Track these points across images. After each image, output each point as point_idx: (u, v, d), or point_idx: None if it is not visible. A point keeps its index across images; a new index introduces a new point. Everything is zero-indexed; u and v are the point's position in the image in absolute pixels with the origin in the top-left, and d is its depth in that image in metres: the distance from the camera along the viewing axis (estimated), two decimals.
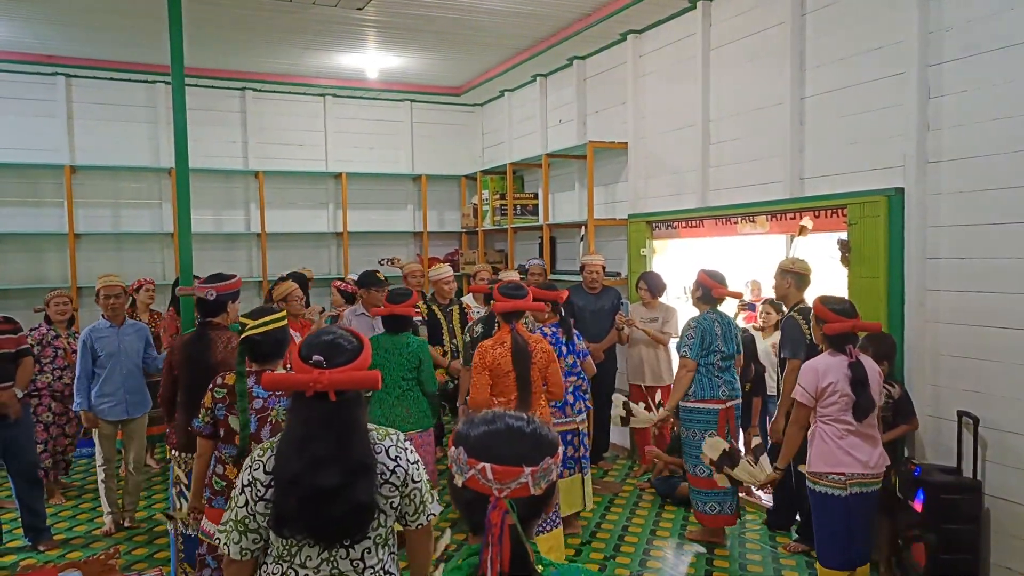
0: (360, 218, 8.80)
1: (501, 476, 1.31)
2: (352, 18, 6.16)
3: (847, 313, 3.60)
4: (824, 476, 3.60)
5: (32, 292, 7.12)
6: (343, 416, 1.89)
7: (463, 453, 1.36)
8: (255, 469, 1.95)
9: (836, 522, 3.60)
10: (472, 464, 1.33)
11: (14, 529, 4.96)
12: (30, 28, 6.38)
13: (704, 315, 4.72)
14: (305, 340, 1.98)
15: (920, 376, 4.26)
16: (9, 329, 4.70)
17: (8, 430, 4.59)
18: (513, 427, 1.39)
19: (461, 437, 1.39)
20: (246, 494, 1.93)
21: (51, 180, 7.46)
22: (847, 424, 3.56)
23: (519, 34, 6.76)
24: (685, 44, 5.97)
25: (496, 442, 1.36)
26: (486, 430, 1.39)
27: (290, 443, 1.89)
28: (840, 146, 4.74)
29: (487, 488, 1.32)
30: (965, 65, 3.99)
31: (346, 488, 1.84)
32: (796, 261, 4.69)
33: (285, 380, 1.92)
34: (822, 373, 3.57)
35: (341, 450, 1.87)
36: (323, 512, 1.84)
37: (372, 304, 5.59)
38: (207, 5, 5.69)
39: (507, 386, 4.02)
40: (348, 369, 1.88)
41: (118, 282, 5.09)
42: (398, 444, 2.02)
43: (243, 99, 8.28)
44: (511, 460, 1.33)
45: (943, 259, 4.15)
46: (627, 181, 6.70)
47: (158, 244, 7.98)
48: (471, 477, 1.33)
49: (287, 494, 1.85)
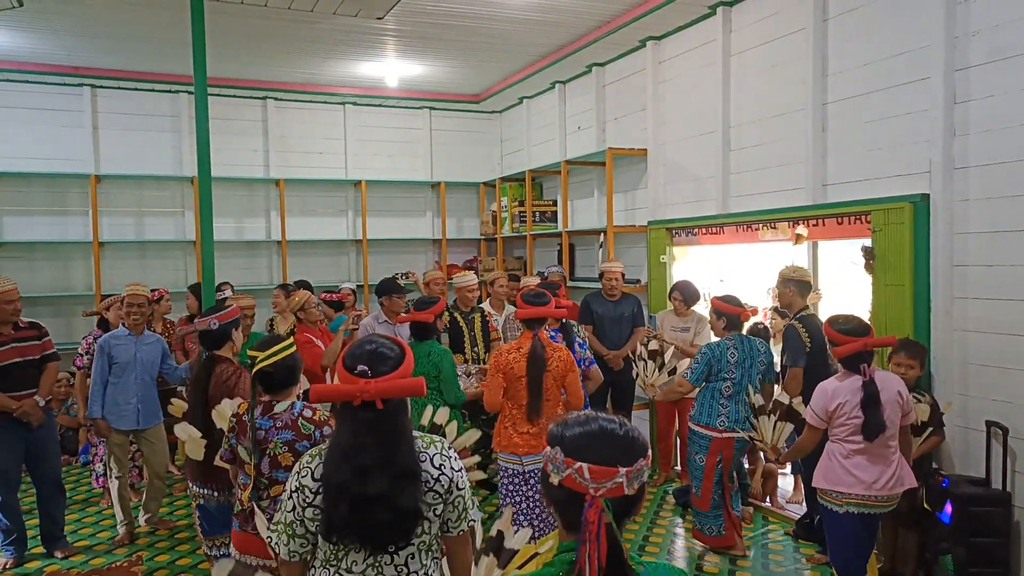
0: (379, 225, 8.84)
1: (597, 476, 1.36)
2: (372, 27, 6.20)
3: (857, 332, 3.50)
4: (825, 493, 3.56)
5: (58, 300, 7.24)
6: (389, 423, 1.94)
7: (560, 453, 1.40)
8: (303, 476, 1.99)
9: (841, 533, 3.55)
10: (569, 463, 1.38)
11: (36, 535, 5.02)
12: (58, 41, 6.50)
13: (721, 340, 4.63)
14: (348, 350, 2.00)
15: (947, 386, 4.19)
16: (34, 335, 4.71)
17: (32, 436, 4.62)
18: (607, 429, 1.43)
19: (556, 437, 1.43)
20: (294, 499, 1.98)
21: (77, 189, 7.58)
22: (856, 444, 3.46)
23: (538, 41, 6.76)
24: (705, 50, 5.94)
25: (592, 443, 1.40)
26: (581, 431, 1.43)
27: (338, 451, 1.93)
28: (863, 152, 4.68)
29: (583, 487, 1.36)
30: (992, 69, 3.93)
31: (392, 495, 1.88)
32: (797, 269, 4.69)
33: (333, 391, 1.95)
34: (831, 395, 3.49)
35: (387, 457, 1.91)
36: (370, 518, 1.88)
37: (393, 311, 5.60)
38: (229, 16, 5.76)
39: (519, 391, 4.04)
40: (393, 377, 1.93)
41: (143, 292, 5.11)
42: (443, 452, 2.05)
43: (264, 108, 8.37)
44: (607, 460, 1.37)
45: (971, 266, 4.08)
46: (646, 188, 6.67)
47: (180, 252, 8.07)
48: (568, 476, 1.38)
49: (336, 501, 1.90)
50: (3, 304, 4.50)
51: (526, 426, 4.05)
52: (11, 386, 4.50)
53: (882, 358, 4.25)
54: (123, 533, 5.02)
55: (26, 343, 4.64)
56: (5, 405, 4.45)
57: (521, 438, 4.06)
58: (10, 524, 4.62)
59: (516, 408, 4.07)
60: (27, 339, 4.65)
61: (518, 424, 4.06)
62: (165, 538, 5.08)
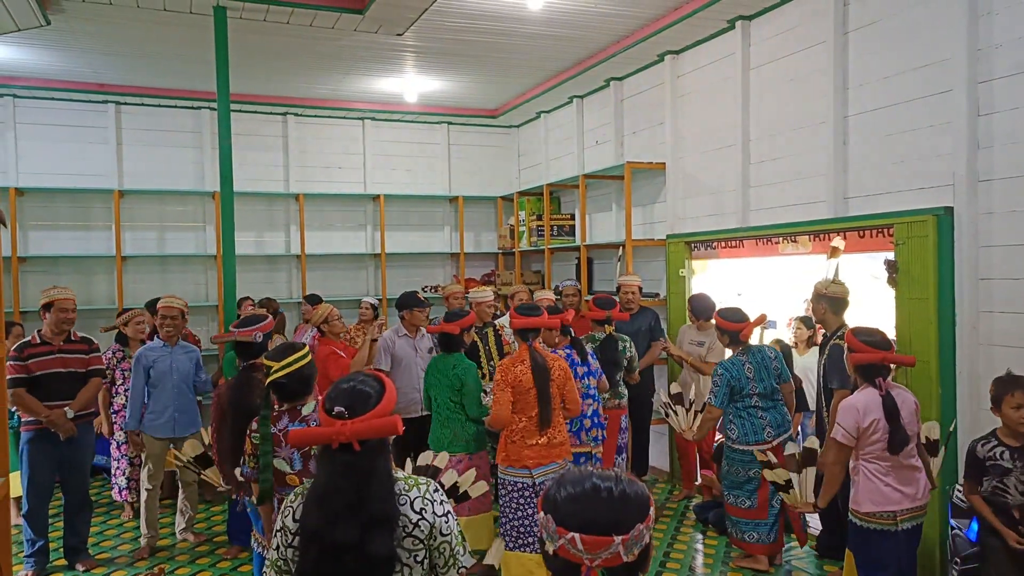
0: (398, 239, 8.88)
1: (591, 547, 1.28)
2: (392, 43, 6.26)
3: (879, 345, 3.48)
4: (873, 515, 3.49)
5: (81, 314, 7.27)
6: (364, 466, 1.86)
7: (551, 521, 1.32)
8: (285, 516, 1.97)
9: (897, 552, 3.49)
10: (561, 533, 1.29)
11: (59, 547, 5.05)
12: (84, 58, 6.61)
13: (733, 358, 4.62)
14: (328, 391, 1.97)
15: (974, 400, 4.13)
16: (83, 349, 4.78)
17: (64, 448, 4.65)
18: (600, 489, 1.34)
19: (549, 503, 1.35)
20: (278, 538, 1.97)
21: (100, 204, 7.69)
22: (889, 460, 3.44)
23: (556, 56, 6.80)
24: (724, 64, 5.94)
25: (583, 508, 1.32)
26: (571, 493, 1.34)
27: (314, 495, 1.90)
28: (885, 165, 4.65)
29: (578, 557, 1.28)
30: (1016, 82, 3.90)
31: (363, 541, 1.82)
32: (830, 285, 4.60)
33: (310, 435, 1.93)
34: (863, 412, 3.44)
35: (359, 502, 1.84)
36: (339, 566, 1.82)
37: (413, 324, 5.62)
38: (252, 34, 5.84)
39: (528, 403, 4.08)
40: (369, 417, 1.86)
41: (177, 304, 5.18)
42: (425, 495, 1.96)
43: (285, 123, 8.46)
44: (600, 528, 1.29)
45: (996, 279, 4.03)
46: (665, 201, 6.66)
47: (201, 266, 8.14)
48: (561, 546, 1.30)
49: (308, 547, 1.86)
50: (58, 312, 4.61)
51: (536, 437, 4.07)
52: (49, 396, 4.56)
53: (906, 376, 4.20)
54: (144, 546, 5.04)
55: (72, 355, 4.71)
56: (36, 412, 4.51)
57: (531, 450, 4.08)
58: (34, 535, 4.66)
59: (526, 420, 4.09)
60: (75, 352, 4.73)
61: (527, 437, 4.08)
62: (184, 552, 5.10)
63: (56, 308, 4.61)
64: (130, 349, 5.74)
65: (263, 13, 5.39)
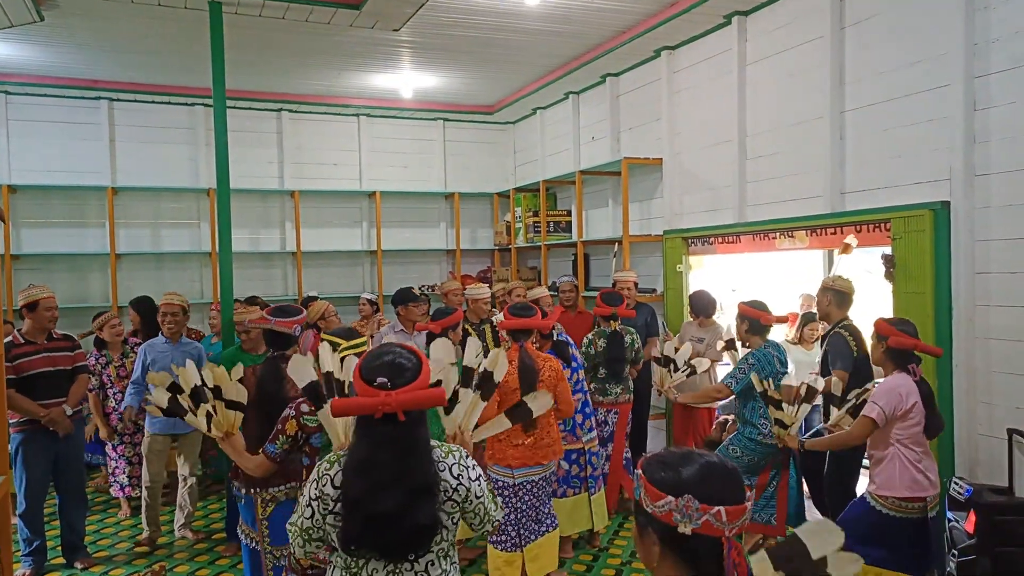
0: (394, 236, 8.87)
1: (733, 516, 1.32)
2: (388, 39, 6.24)
3: (911, 333, 3.58)
4: (905, 503, 3.52)
5: (76, 311, 7.28)
6: (406, 436, 1.90)
7: (694, 500, 1.33)
8: (323, 484, 1.98)
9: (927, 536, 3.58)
10: (705, 509, 1.32)
11: (57, 546, 5.03)
12: (77, 54, 6.57)
13: (763, 351, 4.52)
14: (364, 362, 1.96)
15: (970, 394, 4.15)
16: (67, 346, 4.77)
17: (59, 446, 4.64)
18: (717, 464, 1.39)
19: (675, 485, 1.35)
20: (313, 507, 1.98)
21: (94, 201, 7.65)
22: (923, 446, 3.52)
23: (552, 52, 6.79)
24: (720, 60, 5.95)
25: (720, 483, 1.36)
26: (702, 472, 1.36)
27: (355, 465, 1.91)
28: (882, 160, 4.67)
29: (720, 530, 1.31)
30: (1013, 76, 3.91)
31: (408, 511, 1.86)
32: (837, 279, 4.59)
33: (353, 404, 1.91)
34: (905, 395, 3.48)
35: (403, 472, 1.88)
36: (386, 534, 1.87)
37: (410, 320, 5.62)
38: (247, 29, 5.81)
39: (513, 404, 3.99)
40: (413, 388, 1.88)
41: (179, 301, 5.18)
42: (461, 462, 2.05)
43: (280, 120, 8.42)
44: (737, 498, 1.34)
45: (993, 273, 4.05)
46: (662, 197, 6.67)
47: (196, 263, 8.11)
48: (705, 522, 1.32)
49: (351, 516, 1.89)
50: (44, 311, 4.59)
51: (521, 438, 4.05)
52: (40, 395, 4.54)
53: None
54: (146, 537, 5.06)
55: (58, 353, 4.69)
56: (33, 412, 4.49)
57: (516, 450, 4.05)
58: (31, 534, 4.64)
59: None
60: (59, 349, 4.71)
61: (513, 437, 4.04)
62: (183, 549, 5.09)
63: (42, 307, 4.58)
64: (111, 352, 5.71)
65: (259, 8, 5.36)
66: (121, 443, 5.55)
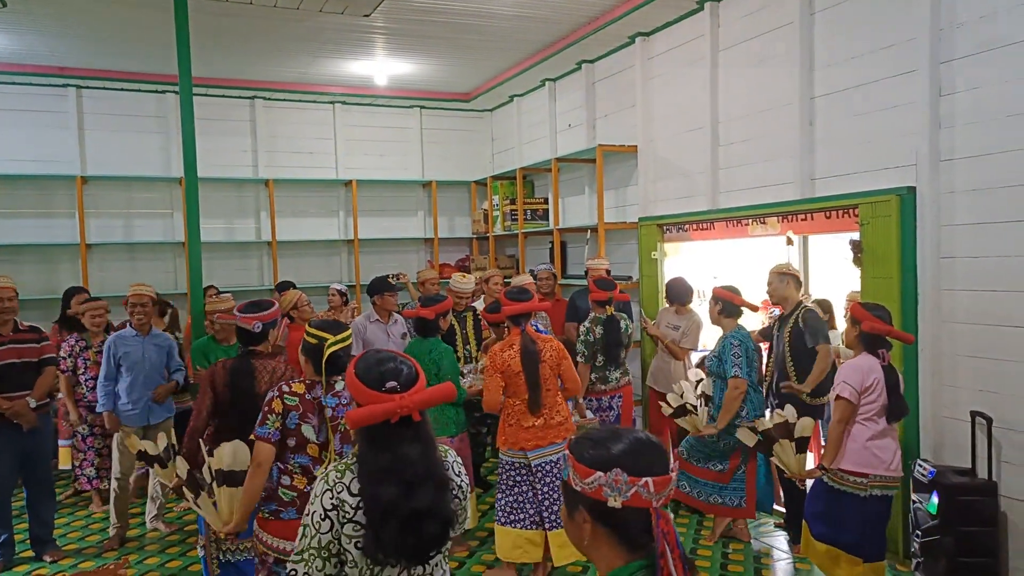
0: (371, 225, 8.81)
1: (660, 487, 1.36)
2: (359, 25, 6.17)
3: (884, 319, 3.63)
4: (844, 477, 3.61)
5: (46, 303, 7.17)
6: (424, 435, 1.96)
7: (622, 473, 1.36)
8: (339, 492, 1.91)
9: (865, 517, 3.62)
10: (634, 481, 1.35)
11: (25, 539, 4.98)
12: (42, 41, 6.45)
13: (739, 331, 4.54)
14: (363, 371, 1.97)
15: (936, 377, 4.20)
16: (33, 338, 4.70)
17: (25, 439, 4.58)
18: (643, 439, 1.43)
19: (605, 461, 1.38)
20: (331, 518, 1.90)
21: (63, 191, 7.52)
22: (878, 425, 3.59)
23: (527, 39, 6.75)
24: (693, 46, 5.94)
25: (644, 455, 1.39)
26: (629, 446, 1.40)
27: (382, 470, 1.89)
28: (851, 146, 4.68)
29: (647, 501, 1.35)
30: (978, 61, 3.93)
31: (438, 505, 1.93)
32: (789, 265, 4.79)
33: (374, 412, 1.89)
34: (866, 371, 3.59)
35: (429, 469, 1.94)
36: (421, 533, 1.89)
37: (385, 309, 5.60)
38: (214, 15, 5.73)
39: (518, 387, 4.12)
40: (419, 389, 1.95)
41: (147, 292, 5.09)
42: (456, 460, 2.13)
43: (252, 108, 8.33)
44: (662, 469, 1.38)
45: (958, 258, 4.09)
46: (637, 184, 6.66)
47: (170, 253, 8.02)
48: (634, 494, 1.35)
49: (385, 520, 1.86)
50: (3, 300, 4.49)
51: (530, 420, 4.11)
52: (6, 387, 4.49)
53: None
54: (113, 536, 4.98)
55: (24, 344, 4.63)
56: None
57: (527, 433, 4.11)
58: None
59: (519, 403, 4.13)
60: (26, 341, 4.65)
61: (522, 420, 4.12)
62: (154, 541, 5.05)
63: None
64: (91, 338, 5.62)
65: None
66: (91, 434, 5.47)
